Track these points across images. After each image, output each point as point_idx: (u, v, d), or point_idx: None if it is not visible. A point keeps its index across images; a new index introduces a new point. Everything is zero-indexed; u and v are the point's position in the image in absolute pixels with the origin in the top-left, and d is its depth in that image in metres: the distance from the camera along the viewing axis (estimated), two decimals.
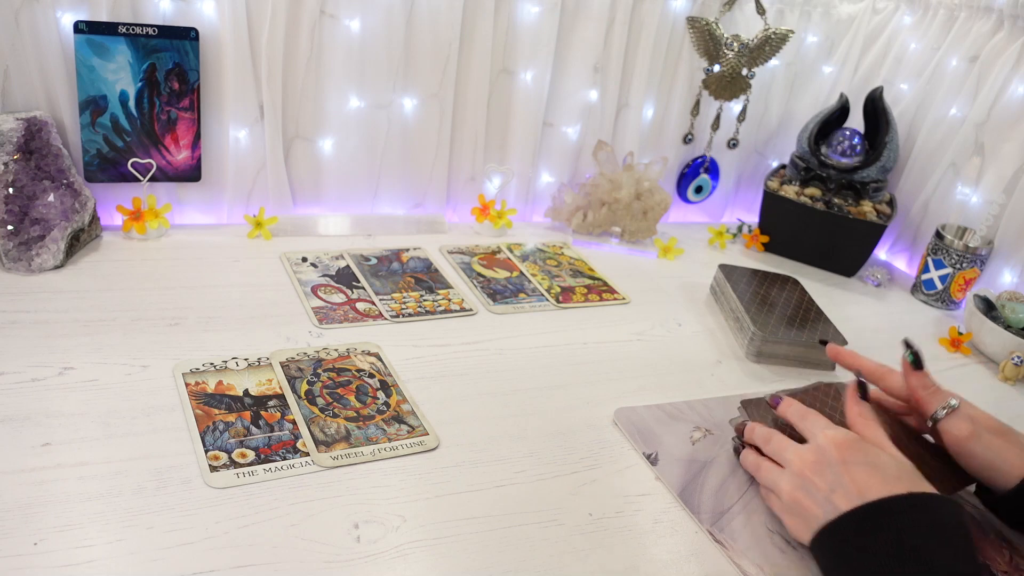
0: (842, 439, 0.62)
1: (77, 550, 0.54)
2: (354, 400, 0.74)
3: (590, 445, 0.73)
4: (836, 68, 1.34)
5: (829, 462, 0.61)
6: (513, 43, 1.13)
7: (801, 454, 0.63)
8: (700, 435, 0.76)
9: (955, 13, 1.22)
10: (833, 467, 0.60)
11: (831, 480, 0.60)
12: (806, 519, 0.60)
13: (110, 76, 0.94)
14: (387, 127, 1.11)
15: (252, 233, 1.04)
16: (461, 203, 1.21)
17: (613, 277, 1.10)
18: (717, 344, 0.96)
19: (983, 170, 1.17)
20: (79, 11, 0.91)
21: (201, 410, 0.69)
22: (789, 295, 1.03)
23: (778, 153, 1.40)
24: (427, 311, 0.93)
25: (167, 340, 0.79)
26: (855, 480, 0.59)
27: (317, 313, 0.88)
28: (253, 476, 0.63)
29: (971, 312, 1.06)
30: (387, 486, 0.65)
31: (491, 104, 1.16)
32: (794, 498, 0.62)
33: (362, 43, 1.04)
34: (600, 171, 1.22)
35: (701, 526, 0.65)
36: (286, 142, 1.07)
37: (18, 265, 0.86)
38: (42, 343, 0.75)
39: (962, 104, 1.19)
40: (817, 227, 1.21)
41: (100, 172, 0.98)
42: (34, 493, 0.58)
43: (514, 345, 0.89)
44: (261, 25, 0.98)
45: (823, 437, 0.63)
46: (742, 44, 1.22)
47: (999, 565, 0.64)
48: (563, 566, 0.59)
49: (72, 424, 0.65)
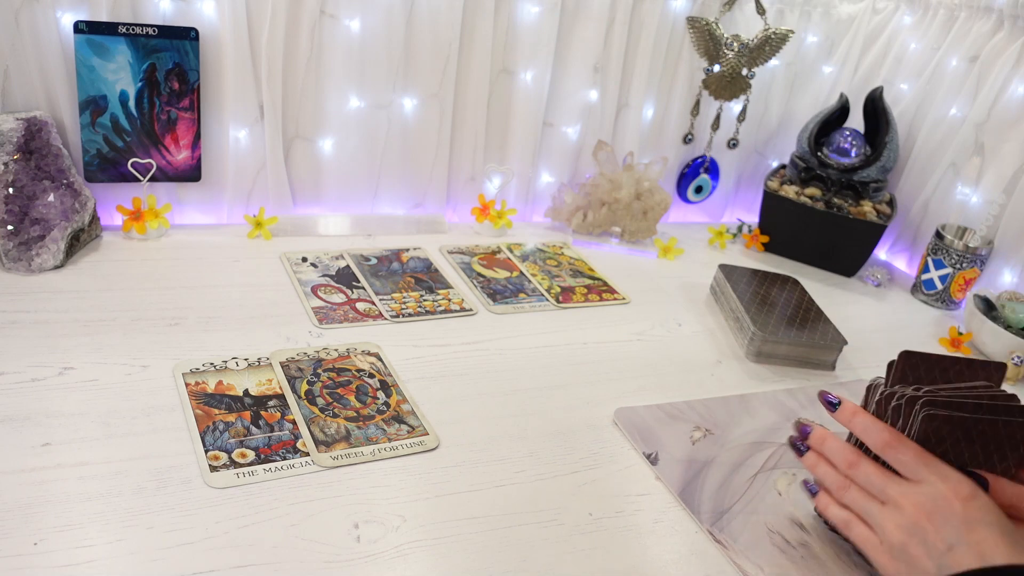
0: (967, 494, 0.56)
1: (77, 550, 0.54)
2: (354, 400, 0.74)
3: (590, 445, 0.73)
4: (836, 68, 1.34)
5: (951, 516, 0.55)
6: (513, 43, 1.13)
7: (913, 498, 0.58)
8: (700, 435, 0.76)
9: (955, 13, 1.22)
10: (955, 524, 0.55)
11: (950, 536, 0.55)
12: (913, 568, 0.56)
13: (110, 76, 0.94)
14: (387, 127, 1.11)
15: (252, 233, 1.04)
16: (461, 203, 1.21)
17: (613, 277, 1.10)
18: (717, 344, 0.96)
19: (983, 170, 1.17)
20: (79, 11, 0.91)
21: (201, 410, 0.69)
22: (789, 295, 1.03)
23: (778, 153, 1.40)
24: (427, 311, 0.93)
25: (167, 340, 0.79)
26: (979, 542, 0.54)
27: (317, 313, 0.88)
28: (253, 476, 0.63)
29: (971, 312, 1.06)
30: (387, 486, 0.65)
31: (491, 104, 1.16)
32: (903, 543, 0.57)
33: (362, 43, 1.04)
34: (600, 171, 1.22)
35: (701, 526, 0.65)
36: (286, 142, 1.07)
37: (18, 265, 0.86)
38: (42, 343, 0.75)
39: (962, 104, 1.19)
40: (817, 227, 1.21)
41: (100, 172, 0.98)
42: (34, 493, 0.58)
43: (514, 345, 0.89)
44: (261, 25, 0.98)
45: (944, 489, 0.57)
46: (742, 44, 1.22)
47: None
48: (563, 566, 0.59)
49: (72, 424, 0.65)
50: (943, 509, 0.56)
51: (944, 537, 0.55)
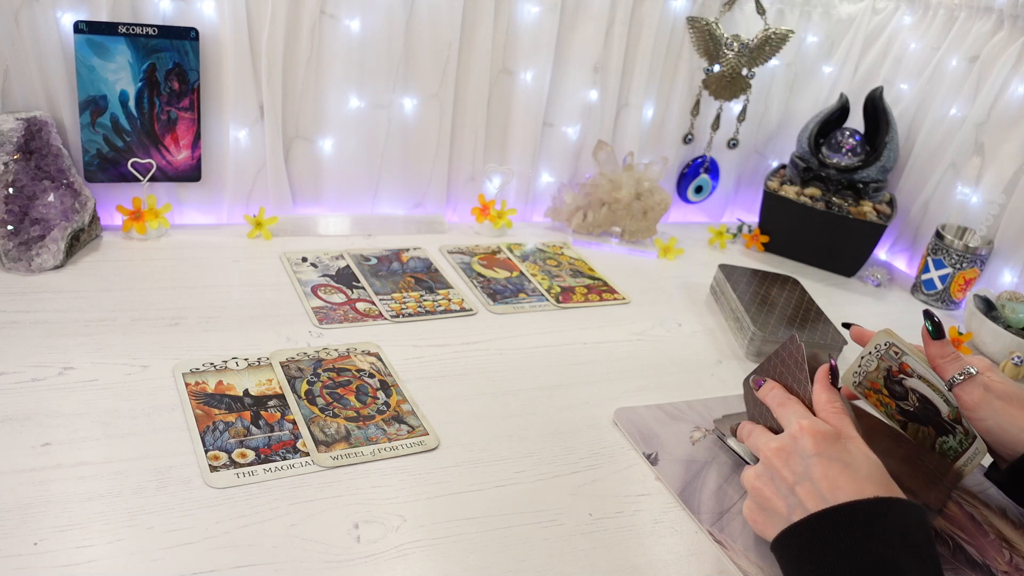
0: (816, 430, 0.59)
1: (77, 550, 0.54)
2: (354, 400, 0.74)
3: (590, 445, 0.73)
4: (836, 68, 1.34)
5: (800, 452, 0.58)
6: (513, 43, 1.13)
7: (771, 442, 0.61)
8: (700, 435, 0.76)
9: (955, 13, 1.22)
10: (804, 458, 0.57)
11: (799, 471, 0.57)
12: (766, 510, 0.59)
13: (110, 76, 0.94)
14: (387, 127, 1.11)
15: (252, 233, 1.04)
16: (461, 203, 1.21)
17: (613, 277, 1.10)
18: (717, 344, 0.96)
19: (983, 170, 1.17)
20: (79, 11, 0.91)
21: (201, 410, 0.69)
22: (789, 295, 1.03)
23: (778, 153, 1.40)
24: (427, 311, 0.93)
25: (167, 340, 0.79)
26: (825, 476, 0.56)
27: (317, 313, 0.88)
28: (253, 476, 0.63)
29: (971, 312, 1.06)
30: (387, 486, 0.65)
31: (491, 104, 1.16)
32: (756, 489, 0.59)
33: (362, 43, 1.04)
34: (600, 171, 1.22)
35: (701, 526, 0.65)
36: (286, 142, 1.07)
37: (18, 265, 0.86)
38: (42, 343, 0.75)
39: (962, 104, 1.19)
40: (817, 227, 1.21)
41: (100, 172, 0.98)
42: (34, 493, 0.58)
43: (514, 345, 0.89)
44: (261, 25, 0.98)
45: (797, 427, 0.60)
46: (742, 44, 1.22)
47: (999, 565, 0.64)
48: (563, 566, 0.59)
49: (72, 424, 0.65)
50: (792, 446, 0.59)
51: (793, 471, 0.58)
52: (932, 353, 0.69)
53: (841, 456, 0.57)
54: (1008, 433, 0.65)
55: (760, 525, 0.60)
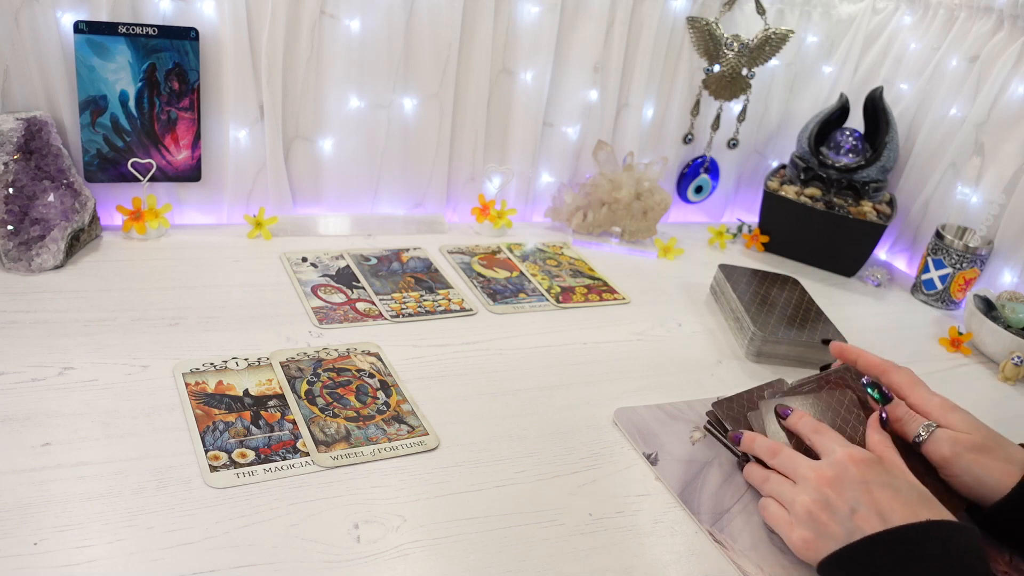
0: (862, 458, 0.61)
1: (77, 550, 0.54)
2: (354, 400, 0.74)
3: (590, 445, 0.73)
4: (836, 68, 1.34)
5: (850, 480, 0.60)
6: (513, 43, 1.13)
7: (819, 469, 0.62)
8: (700, 435, 0.76)
9: (955, 13, 1.22)
10: (853, 485, 0.59)
11: (852, 499, 0.59)
12: (822, 536, 0.59)
13: (110, 76, 0.94)
14: (387, 127, 1.11)
15: (252, 233, 1.04)
16: (461, 203, 1.21)
17: (613, 277, 1.10)
18: (717, 344, 0.96)
19: (983, 170, 1.17)
20: (79, 11, 0.91)
21: (201, 410, 0.69)
22: (789, 295, 1.03)
23: (778, 153, 1.40)
24: (427, 311, 0.93)
25: (167, 340, 0.79)
26: (877, 501, 0.58)
27: (317, 313, 0.88)
28: (253, 476, 0.63)
29: (971, 312, 1.06)
30: (387, 486, 0.65)
31: (491, 104, 1.16)
32: (811, 513, 0.60)
33: (362, 43, 1.04)
34: (600, 171, 1.22)
35: (701, 526, 0.65)
36: (286, 142, 1.07)
37: (18, 265, 0.86)
38: (42, 343, 0.75)
39: (962, 104, 1.19)
40: (817, 227, 1.21)
41: (100, 172, 0.98)
42: (34, 493, 0.58)
43: (514, 345, 0.89)
44: (261, 25, 0.98)
45: (843, 454, 0.62)
46: (742, 44, 1.22)
47: (999, 565, 0.64)
48: (563, 566, 0.59)
49: (72, 424, 0.65)
50: (842, 474, 0.61)
51: (847, 500, 0.59)
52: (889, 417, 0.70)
53: (888, 481, 0.60)
54: (986, 486, 0.65)
55: (812, 552, 0.60)
